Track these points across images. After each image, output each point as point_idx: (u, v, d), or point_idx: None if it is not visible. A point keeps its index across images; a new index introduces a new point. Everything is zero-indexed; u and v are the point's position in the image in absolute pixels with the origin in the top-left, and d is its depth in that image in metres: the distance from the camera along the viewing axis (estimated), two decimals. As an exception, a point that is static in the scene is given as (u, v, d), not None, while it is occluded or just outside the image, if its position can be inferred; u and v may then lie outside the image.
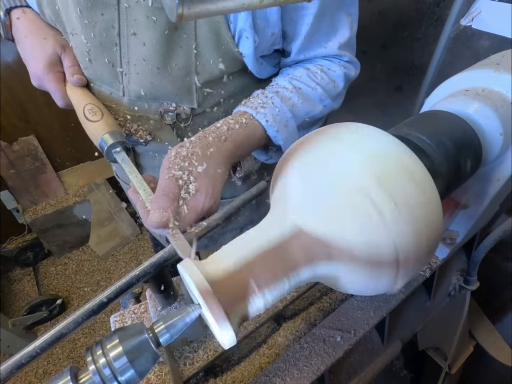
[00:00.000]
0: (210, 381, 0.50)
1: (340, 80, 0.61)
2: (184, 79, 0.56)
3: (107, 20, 0.53)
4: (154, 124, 0.62)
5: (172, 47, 0.53)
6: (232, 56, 0.56)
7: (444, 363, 0.83)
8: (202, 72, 0.56)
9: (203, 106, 0.60)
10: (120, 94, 0.60)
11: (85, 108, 0.56)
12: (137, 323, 0.30)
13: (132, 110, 0.61)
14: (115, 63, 0.57)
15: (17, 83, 1.68)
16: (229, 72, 0.58)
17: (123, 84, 0.58)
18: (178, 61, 0.54)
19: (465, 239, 0.59)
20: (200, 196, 0.42)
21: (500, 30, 0.82)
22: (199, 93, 0.58)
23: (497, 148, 0.40)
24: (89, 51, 0.57)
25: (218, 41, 0.53)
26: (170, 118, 0.60)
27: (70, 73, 0.60)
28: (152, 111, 0.60)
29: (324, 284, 0.36)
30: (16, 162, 1.82)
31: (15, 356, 0.32)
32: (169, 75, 0.55)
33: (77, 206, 1.99)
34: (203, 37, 0.52)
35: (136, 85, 0.57)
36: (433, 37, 0.99)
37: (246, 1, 0.21)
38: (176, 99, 0.58)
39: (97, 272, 2.05)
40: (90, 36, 0.55)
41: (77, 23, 0.54)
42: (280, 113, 0.53)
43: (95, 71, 0.59)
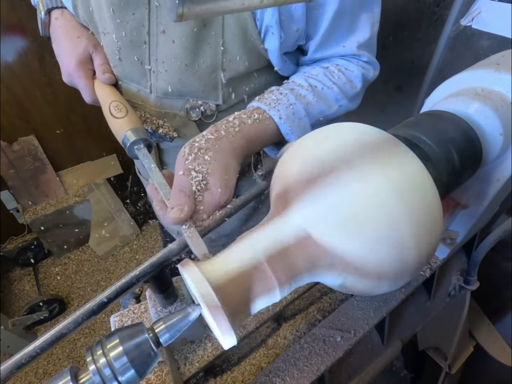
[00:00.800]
0: (210, 381, 0.50)
1: (358, 81, 0.60)
2: (211, 75, 0.57)
3: (138, 19, 0.55)
4: (179, 121, 0.63)
5: (200, 44, 0.54)
6: (257, 53, 0.56)
7: (444, 363, 0.83)
8: (228, 69, 0.57)
9: (228, 103, 0.61)
10: (147, 91, 0.61)
11: (110, 105, 0.57)
12: (137, 323, 0.30)
13: (158, 107, 0.62)
14: (143, 61, 0.59)
15: (17, 83, 1.68)
16: (254, 69, 0.59)
17: (150, 81, 0.60)
18: (205, 58, 0.55)
19: (465, 239, 0.59)
20: (215, 191, 0.42)
21: (500, 30, 0.82)
22: (224, 90, 0.59)
23: (497, 148, 0.40)
24: (119, 49, 0.59)
25: (244, 38, 0.54)
26: (196, 115, 0.62)
27: (101, 71, 0.62)
28: (178, 108, 0.61)
29: (324, 284, 0.36)
30: (16, 162, 1.82)
31: (15, 356, 0.32)
32: (196, 72, 0.56)
33: (77, 206, 1.99)
34: (231, 33, 0.53)
35: (163, 82, 0.59)
36: (433, 37, 0.99)
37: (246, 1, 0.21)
38: (202, 95, 0.59)
39: (97, 272, 2.05)
40: (121, 35, 0.57)
41: (109, 23, 0.56)
42: (294, 110, 0.53)
43: (124, 69, 0.62)
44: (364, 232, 0.29)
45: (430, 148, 0.36)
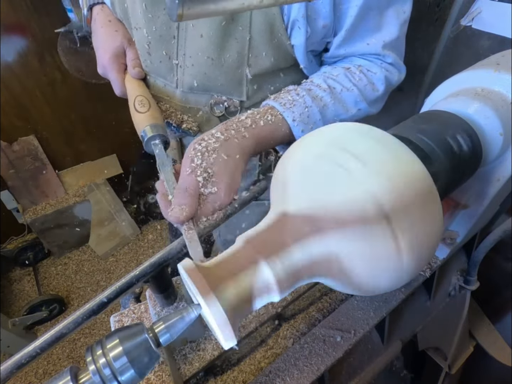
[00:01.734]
0: (210, 381, 0.50)
1: (380, 84, 0.59)
2: (236, 71, 0.57)
3: None
4: (203, 116, 0.64)
5: (227, 38, 0.54)
6: (284, 50, 0.56)
7: (444, 363, 0.83)
8: (253, 65, 0.57)
9: (251, 100, 0.61)
10: (173, 86, 0.63)
11: (136, 99, 0.59)
12: (137, 323, 0.30)
13: (183, 102, 0.63)
14: (171, 55, 0.60)
15: (17, 83, 1.68)
16: (279, 66, 0.59)
17: (177, 76, 0.61)
18: (232, 52, 0.55)
19: (465, 239, 0.59)
20: (219, 192, 0.42)
21: (500, 30, 0.82)
22: (249, 86, 0.59)
23: (497, 148, 0.40)
24: (149, 44, 0.60)
25: (271, 33, 0.54)
26: (220, 111, 0.62)
27: (132, 66, 0.64)
28: (202, 103, 0.62)
29: (324, 284, 0.36)
30: (16, 162, 1.82)
31: (15, 356, 0.32)
32: (222, 66, 0.57)
33: (77, 206, 1.99)
34: (258, 29, 0.53)
35: (189, 76, 0.59)
36: (433, 37, 0.99)
37: (246, 1, 0.21)
38: (227, 91, 0.60)
39: (97, 272, 2.05)
40: (152, 30, 0.58)
41: (141, 18, 0.58)
42: (309, 113, 0.52)
43: (153, 64, 0.63)
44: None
45: (430, 148, 0.36)
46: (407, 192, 0.29)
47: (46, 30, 1.61)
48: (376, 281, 0.32)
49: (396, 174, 0.29)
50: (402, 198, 0.29)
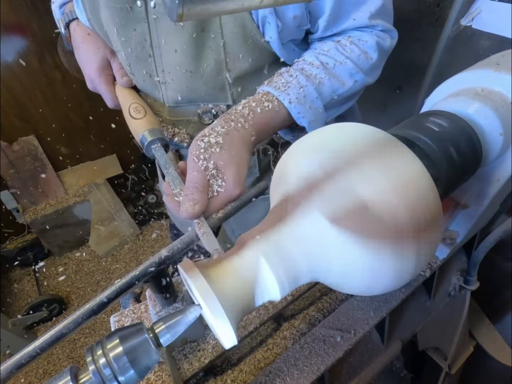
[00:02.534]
0: (210, 381, 0.50)
1: (373, 51, 0.57)
2: (217, 78, 0.57)
3: (139, 34, 0.56)
4: (194, 126, 0.64)
5: (201, 49, 0.54)
6: (260, 48, 0.56)
7: (444, 363, 0.83)
8: (233, 69, 0.57)
9: (238, 102, 0.61)
10: (161, 101, 0.63)
11: (130, 106, 0.59)
12: (137, 323, 0.30)
13: (172, 116, 0.64)
14: (152, 74, 0.60)
15: (17, 83, 1.68)
16: (259, 65, 0.58)
17: (161, 92, 0.62)
18: (209, 61, 0.55)
19: (465, 239, 0.59)
20: (228, 185, 0.43)
21: (500, 30, 0.82)
22: (232, 90, 0.59)
23: (497, 148, 0.40)
24: (129, 65, 0.61)
25: (244, 35, 0.54)
26: (208, 118, 0.63)
27: (120, 76, 0.65)
28: (191, 114, 0.63)
29: (324, 284, 0.36)
30: (16, 162, 1.83)
31: (15, 356, 0.32)
32: (202, 77, 0.57)
33: (77, 206, 1.99)
34: (230, 32, 0.53)
35: (173, 91, 0.60)
36: (433, 37, 0.99)
37: (246, 1, 0.21)
38: (212, 99, 0.60)
39: (97, 272, 2.05)
40: (128, 52, 0.59)
41: (117, 41, 0.58)
42: (306, 93, 0.52)
43: (138, 83, 0.64)
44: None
45: (430, 148, 0.36)
46: (412, 196, 0.29)
47: (46, 30, 1.61)
48: (377, 281, 0.31)
49: (399, 176, 0.29)
50: (408, 202, 0.29)
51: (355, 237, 0.29)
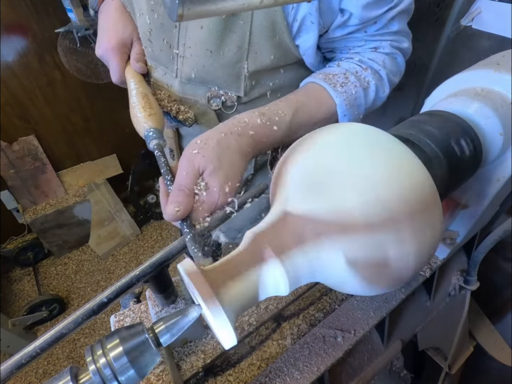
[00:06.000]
0: (210, 381, 0.50)
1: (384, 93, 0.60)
2: (235, 65, 0.57)
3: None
4: (200, 108, 0.64)
5: (227, 31, 0.54)
6: (285, 48, 0.56)
7: (444, 363, 0.83)
8: (253, 61, 0.57)
9: (249, 96, 0.61)
10: (173, 75, 0.63)
11: (143, 98, 0.58)
12: (137, 323, 0.30)
13: (181, 92, 0.63)
14: (172, 44, 0.60)
15: (17, 83, 1.68)
16: (280, 64, 0.59)
17: (177, 66, 0.61)
18: (231, 46, 0.55)
19: (465, 239, 0.59)
20: (214, 192, 0.42)
21: (500, 30, 0.82)
22: (247, 82, 0.59)
23: (497, 148, 0.40)
24: (150, 31, 0.60)
25: (272, 30, 0.54)
26: (216, 104, 0.62)
27: (136, 59, 0.65)
28: (200, 95, 0.62)
29: (325, 285, 0.36)
30: (16, 162, 1.82)
31: (15, 356, 0.32)
32: (220, 59, 0.57)
33: (77, 206, 1.99)
34: (258, 24, 0.53)
35: (188, 67, 0.59)
36: (433, 37, 0.99)
37: (246, 1, 0.21)
38: (224, 85, 0.60)
39: (97, 272, 2.05)
40: (154, 17, 0.58)
41: (144, 3, 0.58)
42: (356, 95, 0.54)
43: (154, 52, 0.63)
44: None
45: (430, 148, 0.36)
46: (412, 196, 0.29)
47: (46, 30, 1.61)
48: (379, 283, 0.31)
49: (400, 178, 0.29)
50: (408, 202, 0.28)
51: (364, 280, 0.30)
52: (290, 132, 0.52)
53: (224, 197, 0.43)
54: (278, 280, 0.30)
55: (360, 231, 0.28)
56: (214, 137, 0.45)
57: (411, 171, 0.30)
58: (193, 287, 0.28)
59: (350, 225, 0.28)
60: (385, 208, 0.28)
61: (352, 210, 0.28)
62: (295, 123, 0.52)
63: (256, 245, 0.31)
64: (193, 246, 0.37)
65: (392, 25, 0.57)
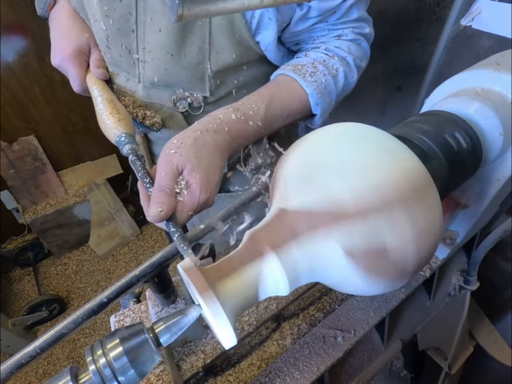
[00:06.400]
0: (210, 381, 0.50)
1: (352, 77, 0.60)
2: (197, 66, 0.57)
3: (125, 6, 0.55)
4: (167, 112, 0.63)
5: (186, 33, 0.54)
6: (245, 45, 0.56)
7: (444, 363, 0.83)
8: (215, 60, 0.56)
9: (215, 95, 0.61)
10: (136, 80, 0.61)
11: (109, 104, 0.57)
12: (137, 323, 0.30)
13: (146, 97, 0.62)
14: (132, 50, 0.59)
15: (17, 83, 1.68)
16: (242, 61, 0.59)
17: (139, 70, 0.60)
18: (192, 47, 0.55)
19: (465, 239, 0.59)
20: (195, 190, 0.42)
21: (500, 30, 0.82)
22: (211, 82, 0.59)
23: (497, 148, 0.40)
24: (107, 37, 0.59)
25: (232, 29, 0.54)
26: (183, 107, 0.62)
27: (96, 65, 0.63)
28: (165, 98, 0.61)
29: (325, 285, 0.36)
30: (16, 162, 1.83)
31: (15, 356, 0.32)
32: (182, 62, 0.56)
33: (77, 206, 1.99)
34: (217, 24, 0.53)
35: (150, 71, 0.58)
36: (433, 37, 0.99)
37: (246, 1, 0.21)
38: (189, 87, 0.59)
39: (97, 272, 2.05)
40: (109, 23, 0.57)
41: (97, 10, 0.56)
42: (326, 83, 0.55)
43: (113, 57, 0.61)
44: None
45: (430, 148, 0.36)
46: (403, 183, 0.29)
47: (46, 30, 1.60)
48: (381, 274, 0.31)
49: (390, 164, 0.29)
50: (398, 186, 0.29)
51: (365, 272, 0.30)
52: (265, 124, 0.53)
53: (205, 193, 0.43)
54: (276, 276, 0.30)
55: (353, 218, 0.28)
56: (190, 136, 0.45)
57: (411, 171, 0.30)
58: (192, 286, 0.28)
59: (343, 213, 0.28)
60: (375, 193, 0.28)
61: (342, 198, 0.28)
62: (270, 115, 0.53)
63: (252, 241, 0.31)
64: (182, 243, 0.37)
65: (351, 13, 0.57)
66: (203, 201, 0.43)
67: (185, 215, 0.42)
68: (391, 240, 0.28)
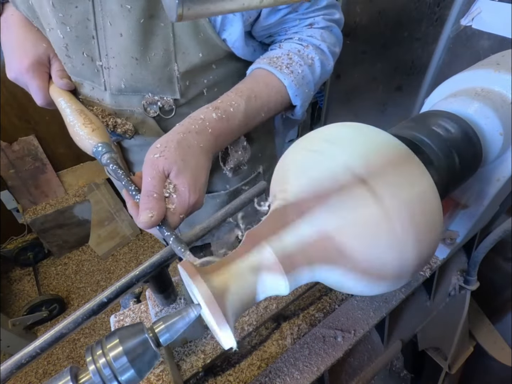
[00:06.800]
0: (210, 381, 0.50)
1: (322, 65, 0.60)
2: (164, 69, 0.55)
3: (82, 12, 0.52)
4: (138, 118, 0.61)
5: (149, 36, 0.52)
6: (212, 44, 0.55)
7: (444, 363, 0.83)
8: (182, 61, 0.55)
9: (186, 97, 0.59)
10: (102, 89, 0.59)
11: (80, 114, 0.55)
12: (137, 323, 0.30)
13: (115, 105, 0.60)
14: (94, 57, 0.56)
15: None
16: (210, 60, 0.57)
17: (104, 78, 0.57)
18: (156, 50, 0.53)
19: (465, 239, 0.59)
20: (184, 192, 0.42)
21: (500, 30, 0.82)
22: (181, 83, 0.57)
23: (497, 148, 0.40)
24: (66, 45, 0.56)
25: (195, 28, 0.52)
26: (153, 111, 0.60)
27: (59, 76, 0.60)
28: (135, 104, 0.59)
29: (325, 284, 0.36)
30: (16, 162, 1.83)
31: (15, 356, 0.32)
32: (148, 65, 0.54)
33: (77, 206, 1.99)
34: (180, 24, 0.51)
35: (116, 78, 0.56)
36: (433, 37, 0.99)
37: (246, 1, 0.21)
38: (158, 90, 0.57)
39: (97, 272, 2.05)
40: (66, 30, 0.54)
41: (52, 17, 0.53)
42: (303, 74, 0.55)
43: (75, 67, 0.58)
44: (364, 232, 0.29)
45: (429, 148, 0.36)
46: (379, 156, 0.30)
47: (46, 30, 1.61)
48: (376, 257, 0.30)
49: (366, 143, 0.31)
50: (375, 160, 0.29)
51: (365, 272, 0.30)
52: (247, 120, 0.53)
53: (195, 195, 0.43)
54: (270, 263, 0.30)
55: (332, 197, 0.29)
56: (173, 139, 0.44)
57: (411, 171, 0.30)
58: (192, 286, 0.28)
59: (322, 193, 0.29)
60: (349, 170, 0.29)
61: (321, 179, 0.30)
62: (250, 111, 0.52)
63: (248, 237, 0.31)
64: (178, 246, 0.37)
65: (320, 1, 0.57)
66: (193, 202, 0.43)
67: (177, 217, 0.42)
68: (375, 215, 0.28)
